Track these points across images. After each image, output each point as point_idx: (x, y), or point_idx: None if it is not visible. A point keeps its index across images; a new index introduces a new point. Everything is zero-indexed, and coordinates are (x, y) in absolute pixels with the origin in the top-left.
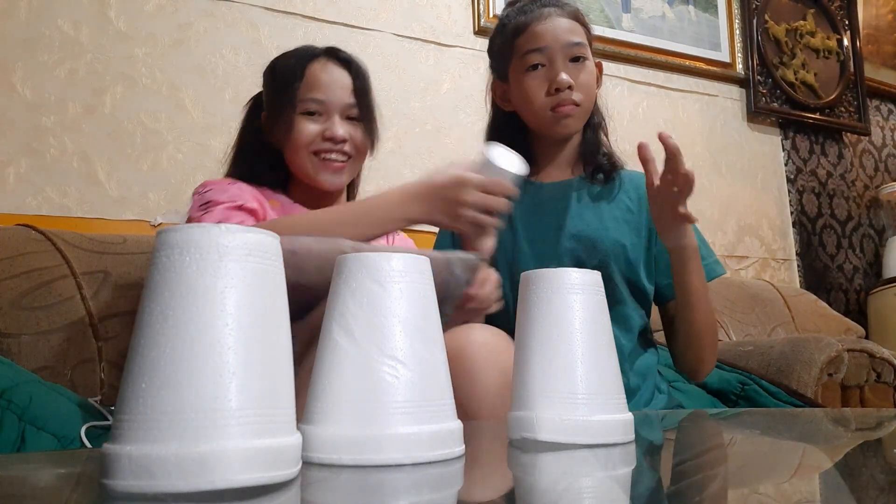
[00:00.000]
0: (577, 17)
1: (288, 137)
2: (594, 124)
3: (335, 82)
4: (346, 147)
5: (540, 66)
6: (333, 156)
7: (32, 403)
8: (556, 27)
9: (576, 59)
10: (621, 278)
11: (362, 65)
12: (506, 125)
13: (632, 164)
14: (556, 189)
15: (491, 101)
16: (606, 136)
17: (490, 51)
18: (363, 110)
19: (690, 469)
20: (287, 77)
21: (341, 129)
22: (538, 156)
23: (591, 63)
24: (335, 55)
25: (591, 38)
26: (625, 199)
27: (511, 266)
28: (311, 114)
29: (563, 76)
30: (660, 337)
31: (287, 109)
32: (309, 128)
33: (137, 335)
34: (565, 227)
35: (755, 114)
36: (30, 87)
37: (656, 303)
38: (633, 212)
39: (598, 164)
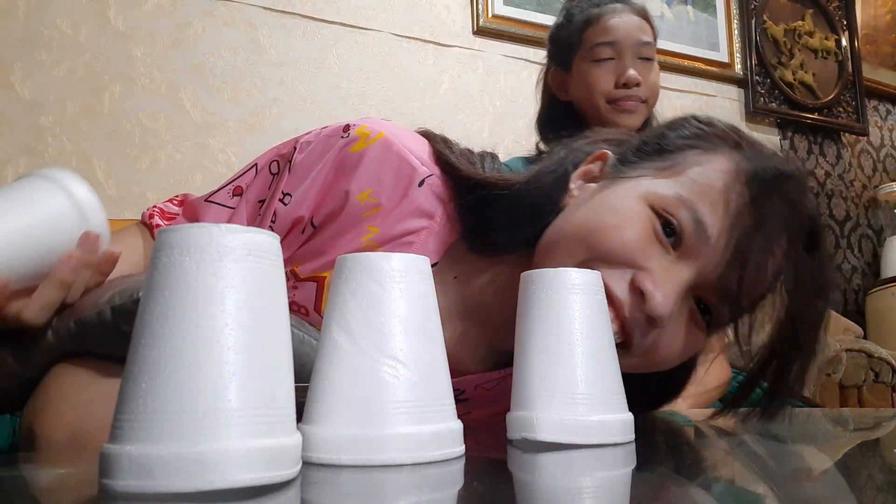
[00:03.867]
0: (647, 17)
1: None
2: (650, 124)
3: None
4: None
5: (608, 60)
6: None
7: None
8: (629, 23)
9: (644, 59)
10: None
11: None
12: (560, 114)
13: None
14: None
15: (543, 90)
16: None
17: (553, 39)
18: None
19: (690, 469)
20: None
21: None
22: None
23: (657, 64)
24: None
25: (656, 38)
26: None
27: None
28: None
29: (633, 72)
30: None
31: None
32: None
33: (137, 335)
34: None
35: (754, 114)
36: (28, 86)
37: None
38: None
39: None
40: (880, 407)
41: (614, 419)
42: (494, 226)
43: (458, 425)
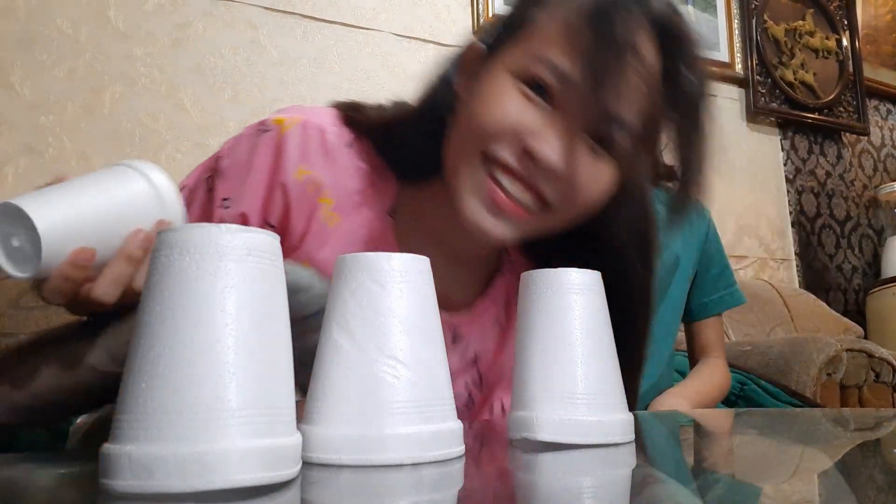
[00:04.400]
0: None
1: None
2: None
3: None
4: None
5: None
6: None
7: None
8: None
9: None
10: (676, 289)
11: None
12: None
13: None
14: None
15: None
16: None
17: None
18: None
19: (690, 469)
20: None
21: None
22: None
23: None
24: None
25: None
26: None
27: None
28: None
29: None
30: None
31: None
32: None
33: (137, 335)
34: None
35: (754, 114)
36: (28, 86)
37: (683, 319)
38: (685, 228)
39: (658, 172)
40: (881, 407)
41: (614, 419)
42: (411, 152)
43: (458, 425)
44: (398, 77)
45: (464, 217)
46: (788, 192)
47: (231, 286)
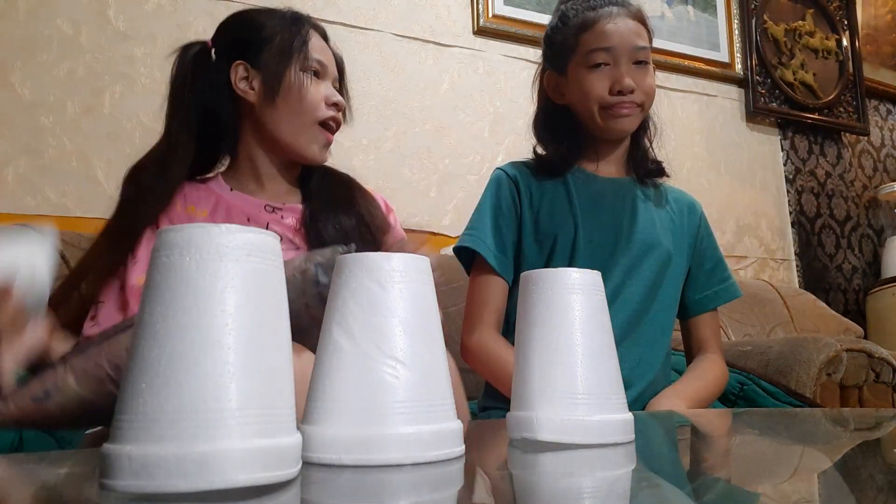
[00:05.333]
0: (643, 20)
1: (291, 96)
2: (646, 128)
3: (329, 53)
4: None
5: (604, 66)
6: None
7: None
8: (625, 28)
9: (640, 62)
10: (669, 287)
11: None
12: (556, 117)
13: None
14: (612, 184)
15: (539, 91)
16: (651, 142)
17: (549, 41)
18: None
19: (690, 469)
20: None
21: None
22: (589, 151)
23: (652, 66)
24: (325, 35)
25: (652, 39)
26: (669, 210)
27: (570, 262)
28: (314, 75)
29: (628, 80)
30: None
31: (295, 62)
32: (317, 90)
33: (137, 335)
34: (623, 229)
35: (754, 114)
36: (29, 86)
37: (679, 316)
38: (677, 224)
39: (647, 169)
40: (881, 407)
41: (614, 419)
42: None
43: (458, 425)
44: (398, 77)
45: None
46: (788, 192)
47: (231, 286)
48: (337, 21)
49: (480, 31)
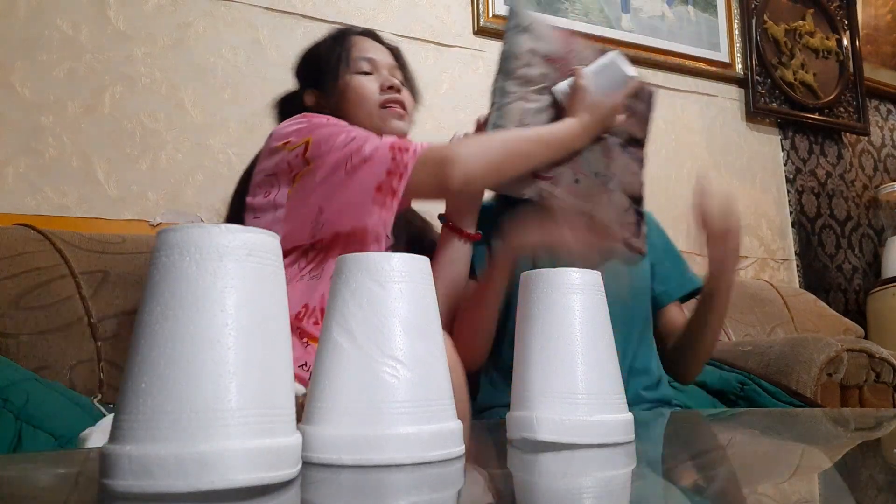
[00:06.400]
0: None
1: (348, 97)
2: None
3: (379, 49)
4: (404, 97)
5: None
6: (398, 107)
7: (29, 402)
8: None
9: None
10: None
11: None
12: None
13: None
14: None
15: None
16: None
17: None
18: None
19: (690, 469)
20: (334, 47)
21: (395, 80)
22: None
23: None
24: (373, 35)
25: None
26: None
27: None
28: (364, 73)
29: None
30: None
31: (343, 71)
32: (370, 83)
33: (137, 335)
34: None
35: (754, 114)
36: (29, 86)
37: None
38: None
39: None
40: (881, 407)
41: (614, 419)
42: None
43: (458, 425)
44: None
45: None
46: (788, 192)
47: (231, 286)
48: (337, 21)
49: (480, 31)
